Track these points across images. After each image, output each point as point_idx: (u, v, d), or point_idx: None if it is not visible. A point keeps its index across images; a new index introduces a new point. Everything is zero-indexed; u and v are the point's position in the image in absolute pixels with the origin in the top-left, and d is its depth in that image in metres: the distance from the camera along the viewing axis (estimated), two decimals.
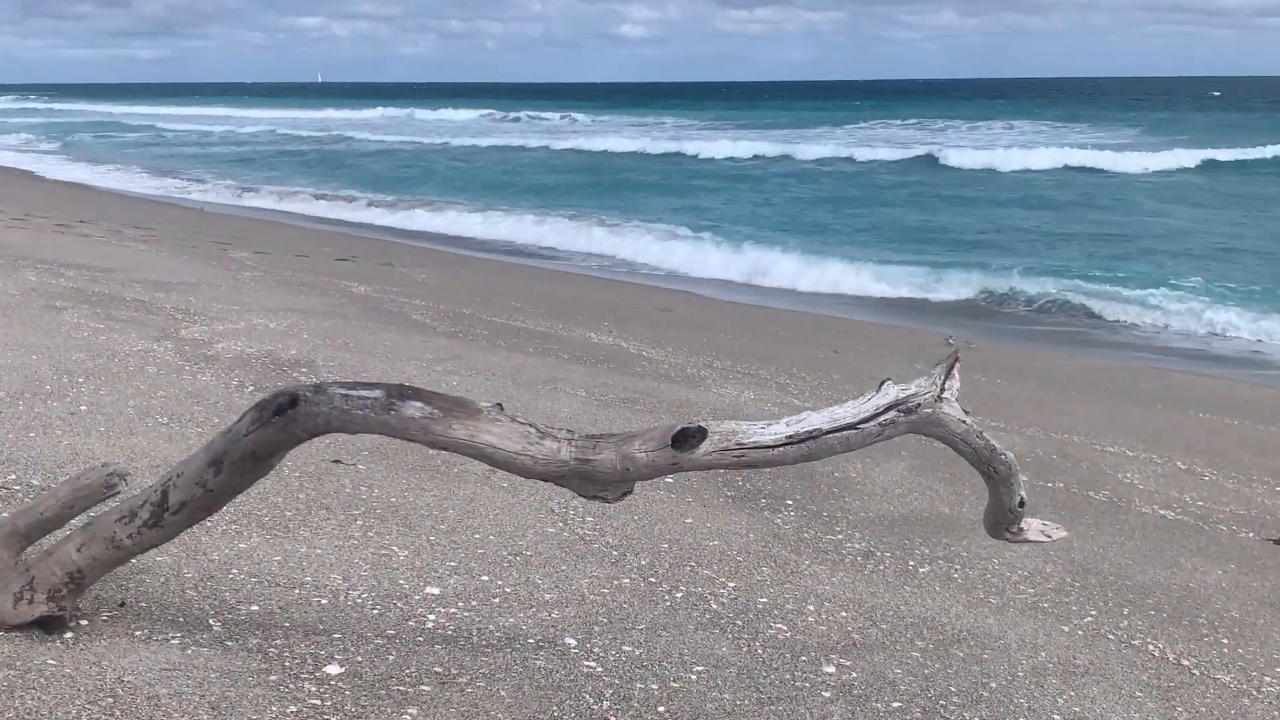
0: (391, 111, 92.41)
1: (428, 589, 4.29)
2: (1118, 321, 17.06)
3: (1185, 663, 4.63)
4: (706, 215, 28.68)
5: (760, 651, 4.15)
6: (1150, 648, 4.73)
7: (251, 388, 7.17)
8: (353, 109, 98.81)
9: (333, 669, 3.51)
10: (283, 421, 3.19)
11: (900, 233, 26.35)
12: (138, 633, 3.60)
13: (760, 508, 6.02)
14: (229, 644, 3.61)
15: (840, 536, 5.70)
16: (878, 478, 6.81)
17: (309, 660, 3.56)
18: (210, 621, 3.77)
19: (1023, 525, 3.67)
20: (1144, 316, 17.14)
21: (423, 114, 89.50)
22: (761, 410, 8.48)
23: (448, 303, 13.08)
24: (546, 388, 8.38)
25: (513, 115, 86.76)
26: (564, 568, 4.73)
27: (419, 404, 3.15)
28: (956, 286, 19.00)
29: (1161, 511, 6.99)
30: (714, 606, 4.54)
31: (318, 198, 31.25)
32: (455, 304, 13.08)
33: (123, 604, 3.80)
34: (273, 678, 3.41)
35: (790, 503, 6.16)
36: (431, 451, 4.28)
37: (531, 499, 5.51)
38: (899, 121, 71.34)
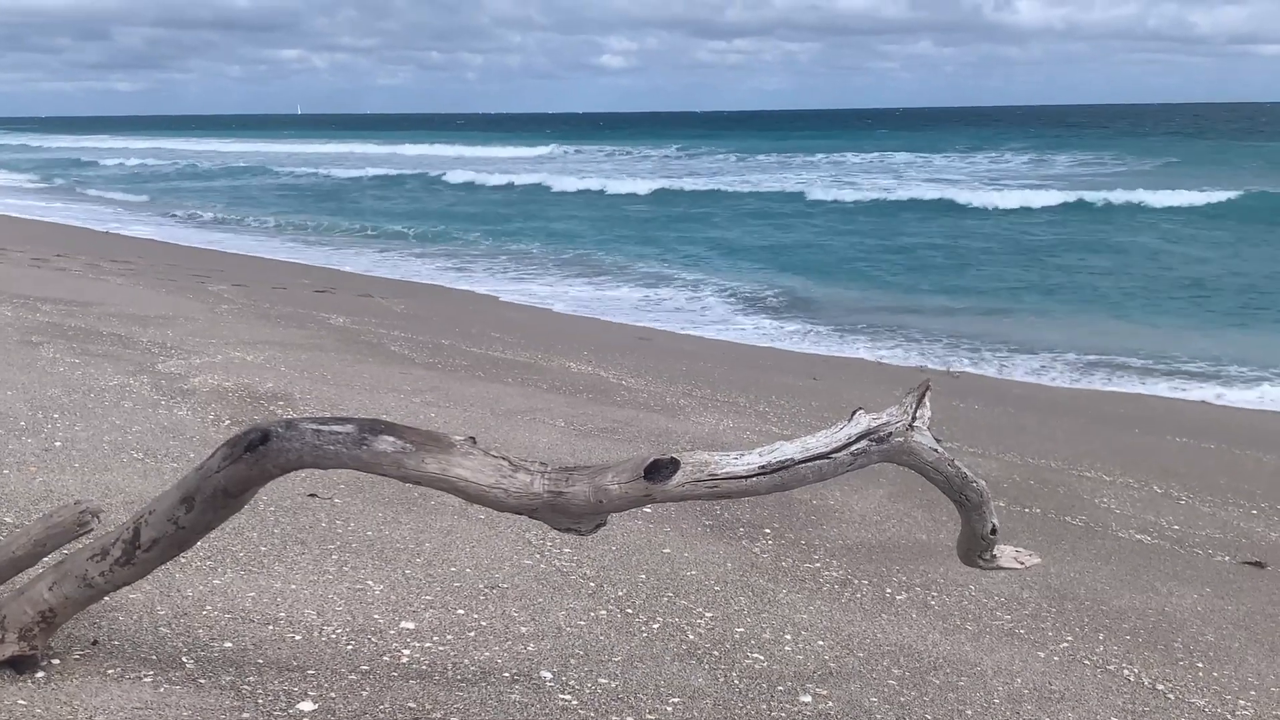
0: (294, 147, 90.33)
1: (403, 623, 4.28)
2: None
3: (1160, 687, 4.64)
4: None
5: (737, 682, 4.15)
6: (1126, 672, 4.74)
7: (228, 421, 7.15)
8: (266, 141, 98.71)
9: (306, 706, 3.50)
10: (254, 458, 3.19)
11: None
12: (110, 671, 3.58)
13: (738, 537, 6.02)
14: (202, 682, 3.59)
15: (818, 565, 5.71)
16: (855, 505, 6.83)
17: (282, 697, 3.54)
18: (183, 659, 3.76)
19: (995, 552, 3.68)
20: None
21: (336, 147, 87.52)
22: (741, 438, 8.49)
23: (426, 333, 13.08)
24: (525, 418, 8.37)
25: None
26: (540, 600, 4.72)
27: (391, 438, 3.16)
28: None
29: (1138, 536, 7.02)
30: (690, 637, 4.54)
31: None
32: (434, 334, 13.08)
33: (95, 642, 3.78)
34: (245, 715, 3.39)
35: (768, 531, 6.16)
36: (408, 485, 4.29)
37: (509, 531, 5.50)
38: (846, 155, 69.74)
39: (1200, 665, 4.97)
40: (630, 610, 4.75)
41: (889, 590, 5.44)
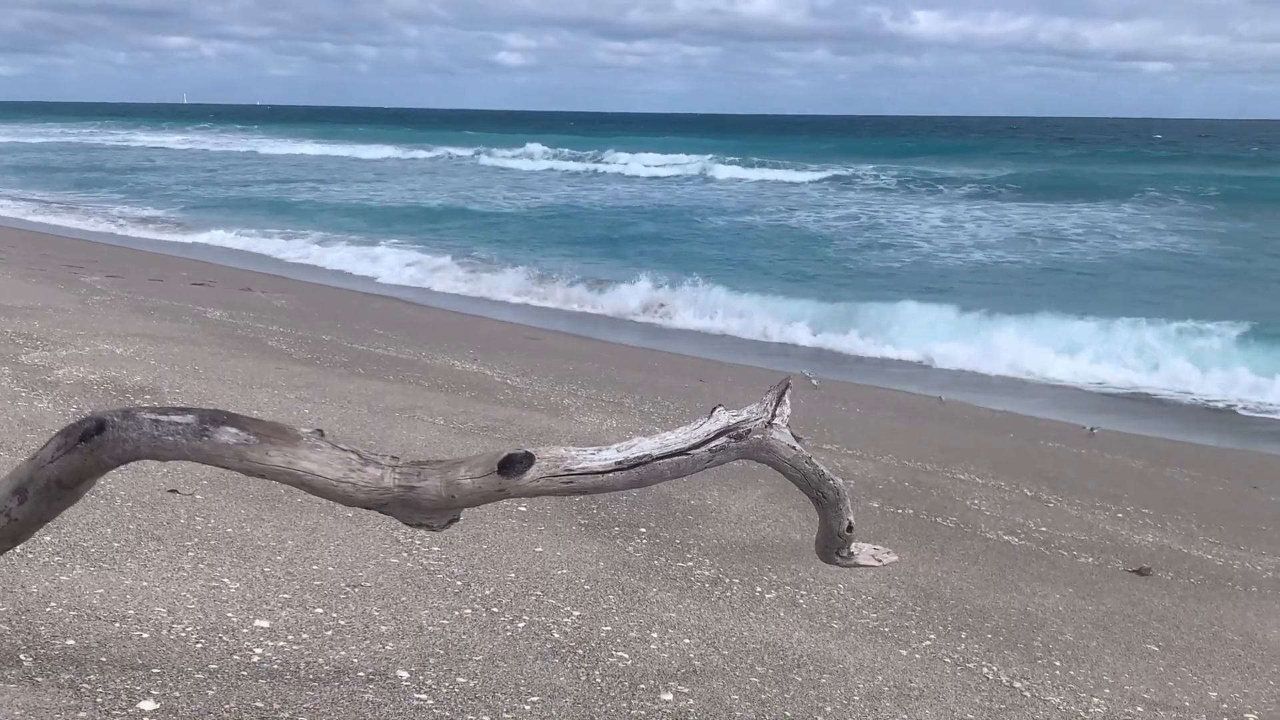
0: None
1: (257, 622, 4.16)
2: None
3: (1018, 685, 4.72)
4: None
5: (599, 680, 4.12)
6: (985, 670, 4.81)
7: None
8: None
9: (147, 705, 3.37)
10: (89, 448, 3.06)
11: None
12: None
13: (613, 536, 5.99)
14: (39, 680, 3.44)
15: (690, 564, 5.70)
16: (732, 505, 6.84)
17: (123, 696, 3.41)
18: (21, 657, 3.60)
19: (853, 549, 3.70)
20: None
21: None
22: (624, 440, 8.46)
23: (307, 329, 12.83)
24: (404, 416, 8.25)
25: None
26: (404, 599, 4.64)
27: (234, 430, 3.05)
28: None
29: (1006, 537, 7.15)
30: (556, 636, 4.49)
31: None
32: (315, 330, 12.83)
33: None
34: (82, 715, 3.25)
35: (643, 530, 6.14)
36: (275, 482, 4.16)
37: (376, 529, 5.40)
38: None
39: (1058, 664, 5.07)
40: (496, 609, 4.69)
41: (759, 589, 5.45)
